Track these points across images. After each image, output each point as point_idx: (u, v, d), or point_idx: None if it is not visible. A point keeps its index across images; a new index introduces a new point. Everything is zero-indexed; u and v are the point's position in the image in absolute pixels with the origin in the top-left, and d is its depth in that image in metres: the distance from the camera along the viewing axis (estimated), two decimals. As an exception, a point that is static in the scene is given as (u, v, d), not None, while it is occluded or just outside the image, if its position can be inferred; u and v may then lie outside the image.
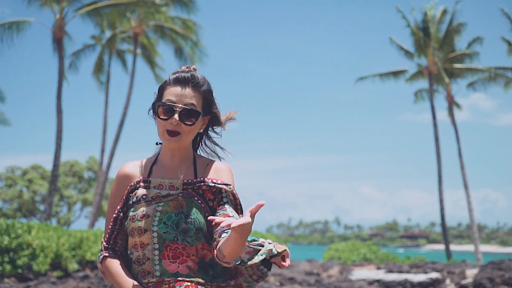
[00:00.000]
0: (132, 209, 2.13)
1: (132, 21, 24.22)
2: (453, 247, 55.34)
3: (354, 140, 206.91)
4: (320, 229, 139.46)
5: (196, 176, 2.17)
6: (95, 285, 10.12)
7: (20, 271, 10.04)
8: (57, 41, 20.69)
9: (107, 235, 2.18)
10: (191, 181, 2.14)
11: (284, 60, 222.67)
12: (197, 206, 2.10)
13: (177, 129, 2.13)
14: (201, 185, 2.13)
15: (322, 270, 12.88)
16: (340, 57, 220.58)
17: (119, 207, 2.17)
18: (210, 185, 2.13)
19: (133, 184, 2.18)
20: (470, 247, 68.72)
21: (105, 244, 2.17)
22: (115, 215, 2.17)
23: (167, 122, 2.13)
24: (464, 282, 10.26)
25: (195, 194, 2.12)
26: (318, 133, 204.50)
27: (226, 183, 2.15)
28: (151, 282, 2.07)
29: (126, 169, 2.24)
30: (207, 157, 2.31)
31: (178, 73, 2.18)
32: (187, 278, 2.05)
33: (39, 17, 46.14)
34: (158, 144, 2.31)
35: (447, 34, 26.32)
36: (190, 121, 2.14)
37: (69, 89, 56.44)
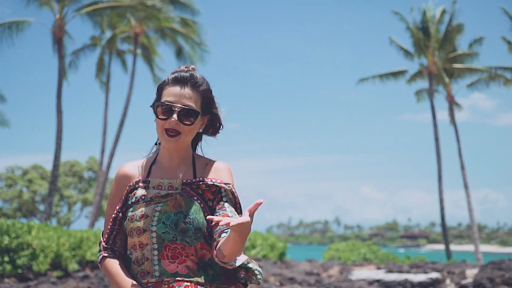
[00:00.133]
0: (131, 209, 2.13)
1: (132, 21, 24.20)
2: (453, 247, 55.35)
3: (354, 140, 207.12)
4: (320, 229, 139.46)
5: (195, 176, 2.17)
6: (95, 285, 10.12)
7: (20, 271, 10.04)
8: (57, 41, 20.69)
9: (106, 235, 2.18)
10: (190, 181, 2.14)
11: (284, 60, 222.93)
12: (196, 206, 2.09)
13: (176, 128, 2.12)
14: (200, 184, 2.12)
15: (322, 270, 12.88)
16: (340, 57, 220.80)
17: (118, 207, 2.16)
18: (209, 184, 2.12)
19: (132, 184, 2.17)
20: (470, 247, 68.71)
21: (104, 244, 2.17)
22: (114, 215, 2.16)
23: (166, 121, 2.13)
24: (464, 282, 10.26)
25: (194, 194, 2.12)
26: (318, 133, 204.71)
27: (225, 182, 2.14)
28: (150, 282, 2.06)
29: (125, 169, 2.24)
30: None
31: (177, 73, 2.17)
32: (186, 278, 2.05)
33: (39, 17, 46.16)
34: (157, 145, 2.30)
35: (446, 34, 26.32)
36: (189, 121, 2.13)
37: (69, 89, 56.42)
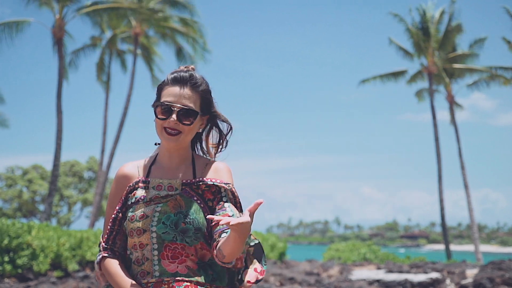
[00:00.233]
0: (130, 210, 2.13)
1: (132, 21, 24.18)
2: (453, 247, 55.32)
3: (354, 141, 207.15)
4: (320, 229, 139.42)
5: (195, 176, 2.16)
6: (95, 285, 10.12)
7: (20, 271, 10.04)
8: (57, 41, 20.67)
9: (105, 236, 2.18)
10: (190, 181, 2.14)
11: (284, 61, 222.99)
12: (196, 206, 2.09)
13: (176, 127, 2.12)
14: (200, 184, 2.12)
15: (322, 270, 12.88)
16: (340, 58, 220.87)
17: (118, 207, 2.16)
18: (209, 184, 2.12)
19: (131, 184, 2.17)
20: (470, 247, 68.70)
21: (104, 244, 2.17)
22: (114, 215, 2.16)
23: (165, 121, 2.13)
24: (464, 282, 10.26)
25: (194, 194, 2.11)
26: (318, 133, 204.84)
27: (225, 182, 2.14)
28: (150, 282, 2.06)
29: (125, 169, 2.24)
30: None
31: (176, 73, 2.17)
32: (186, 278, 2.05)
33: (39, 17, 46.21)
34: (157, 145, 2.30)
35: (446, 34, 26.30)
36: (188, 121, 2.13)
37: (69, 89, 56.38)
